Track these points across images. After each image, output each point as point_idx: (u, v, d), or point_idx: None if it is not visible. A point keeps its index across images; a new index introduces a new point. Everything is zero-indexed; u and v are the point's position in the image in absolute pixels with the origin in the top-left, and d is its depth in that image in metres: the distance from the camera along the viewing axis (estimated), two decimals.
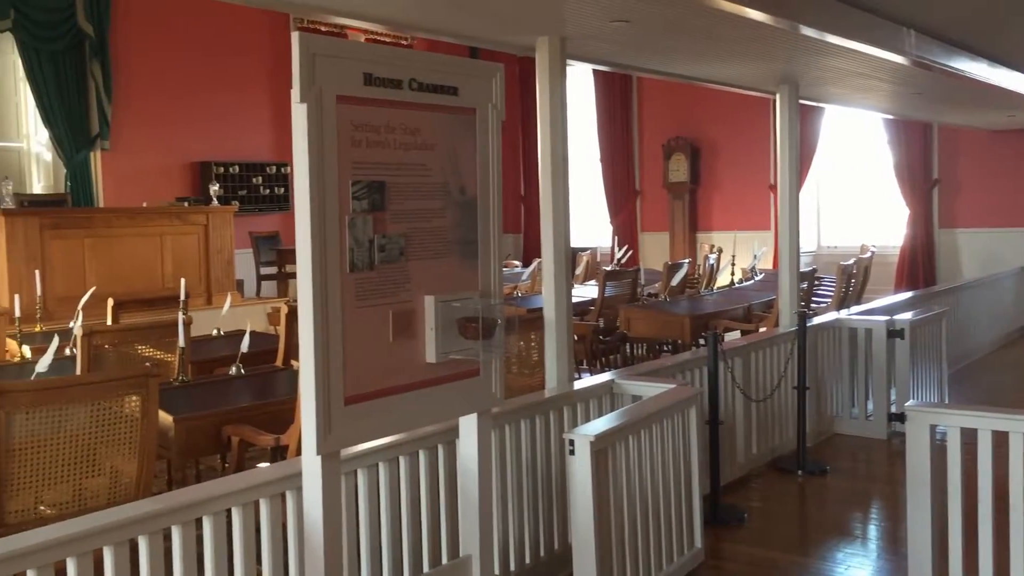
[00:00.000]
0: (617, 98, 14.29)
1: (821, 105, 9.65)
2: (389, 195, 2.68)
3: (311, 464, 2.52)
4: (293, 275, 11.20)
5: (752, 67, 6.11)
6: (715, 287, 9.37)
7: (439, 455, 3.38)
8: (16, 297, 5.83)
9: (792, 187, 6.43)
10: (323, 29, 11.31)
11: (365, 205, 2.62)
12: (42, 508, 3.23)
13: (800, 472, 5.41)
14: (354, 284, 2.59)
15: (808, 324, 5.65)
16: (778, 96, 6.55)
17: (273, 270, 11.24)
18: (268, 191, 12.20)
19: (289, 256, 11.20)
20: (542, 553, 3.82)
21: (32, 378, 3.65)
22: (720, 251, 10.17)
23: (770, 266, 11.92)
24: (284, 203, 12.39)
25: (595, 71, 13.44)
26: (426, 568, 3.28)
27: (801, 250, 6.57)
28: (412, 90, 2.74)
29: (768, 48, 5.33)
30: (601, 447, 3.31)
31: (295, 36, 2.46)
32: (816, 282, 8.68)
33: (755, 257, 9.95)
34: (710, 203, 13.98)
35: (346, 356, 2.55)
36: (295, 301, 6.12)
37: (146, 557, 2.50)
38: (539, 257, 11.98)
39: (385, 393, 2.69)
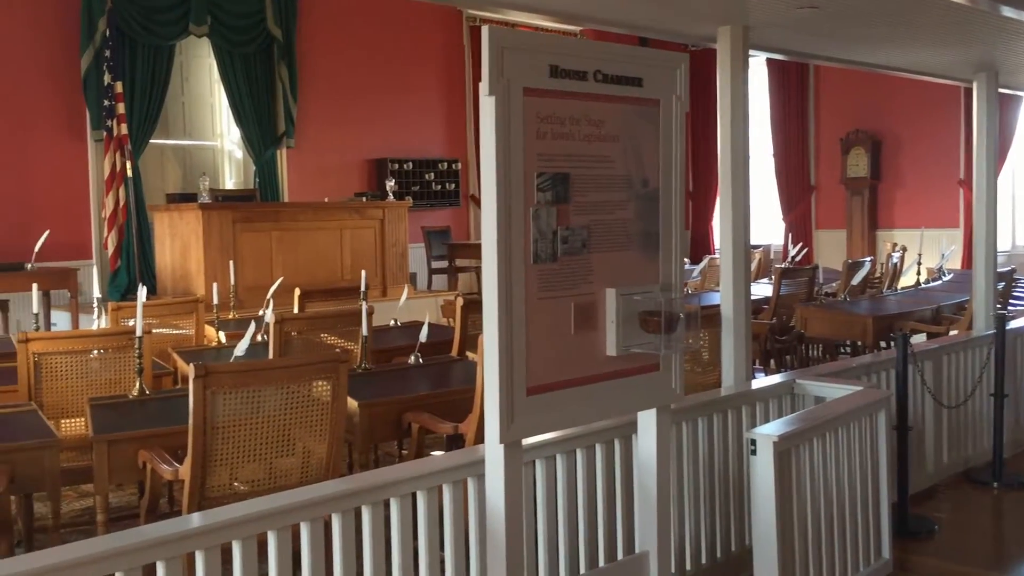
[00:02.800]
0: (793, 89, 13.80)
1: (1020, 93, 8.99)
2: (572, 187, 2.68)
3: (494, 452, 2.55)
4: (464, 269, 11.47)
5: (946, 54, 5.75)
6: (898, 287, 8.90)
7: (615, 449, 3.36)
8: (214, 286, 6.21)
9: (989, 182, 6.02)
10: None
11: (549, 197, 2.63)
12: (236, 484, 3.43)
13: (996, 484, 5.06)
14: (537, 276, 2.60)
15: (1007, 327, 5.28)
16: (975, 85, 6.14)
17: (444, 264, 11.51)
18: (440, 187, 12.51)
19: (460, 250, 11.46)
20: (719, 554, 3.73)
21: (231, 361, 3.87)
22: (904, 249, 9.65)
23: (958, 266, 11.22)
24: (455, 198, 12.67)
25: (769, 61, 13.04)
26: (602, 562, 3.27)
27: (997, 249, 6.14)
28: (597, 82, 2.73)
29: (965, 33, 5.00)
30: (784, 448, 3.20)
31: (484, 29, 2.49)
32: (1014, 283, 8.09)
33: (943, 256, 9.39)
34: (892, 199, 13.29)
35: (528, 347, 2.56)
36: (468, 294, 6.24)
37: (339, 534, 2.61)
38: (708, 254, 11.77)
39: (566, 385, 2.69)
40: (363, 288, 5.86)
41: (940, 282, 9.02)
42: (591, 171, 2.73)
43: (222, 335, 5.77)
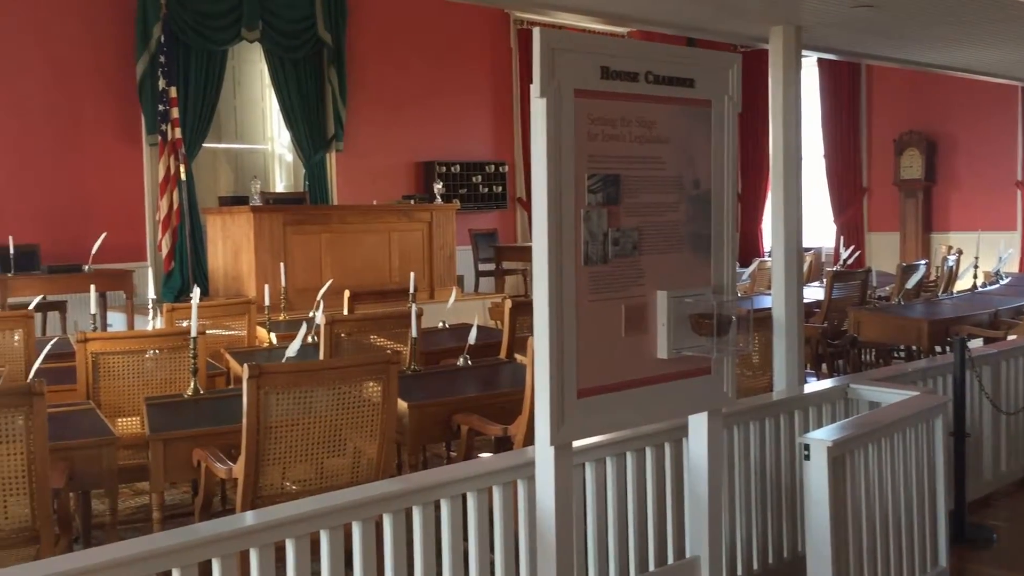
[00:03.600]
0: (844, 89, 13.59)
1: None
2: (623, 188, 2.67)
3: (544, 454, 2.55)
4: (511, 271, 11.47)
5: (1004, 53, 5.63)
6: (954, 291, 8.72)
7: (665, 453, 3.34)
8: (266, 288, 6.28)
9: None
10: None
11: (600, 198, 2.62)
12: (287, 484, 3.46)
13: None
14: (588, 277, 2.59)
15: None
16: None
17: (491, 266, 11.53)
18: (487, 189, 12.54)
19: (507, 252, 11.47)
20: (770, 560, 3.69)
21: (283, 362, 3.91)
22: (960, 252, 9.46)
23: (1016, 269, 10.96)
24: (502, 201, 12.70)
25: (820, 60, 12.86)
26: (652, 566, 3.25)
27: None
28: (648, 83, 2.71)
29: None
30: (839, 454, 3.15)
31: (536, 31, 2.50)
32: None
33: (1000, 259, 9.18)
34: (947, 201, 13.03)
35: (579, 349, 2.56)
36: (515, 296, 6.21)
37: (390, 534, 2.63)
38: (757, 256, 11.62)
39: (616, 388, 2.68)
40: (412, 290, 5.89)
41: (997, 286, 8.82)
42: (642, 172, 2.71)
43: (273, 336, 5.83)
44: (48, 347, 4.22)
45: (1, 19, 9.06)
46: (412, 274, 6.26)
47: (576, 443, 2.79)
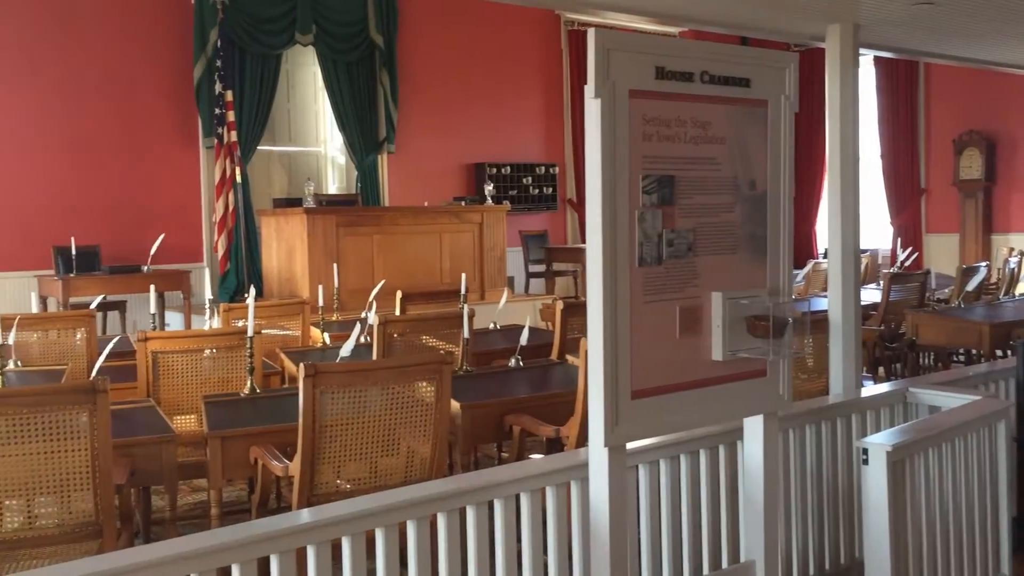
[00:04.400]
0: (902, 88, 13.33)
1: None
2: (678, 189, 2.66)
3: (598, 456, 2.55)
4: (561, 272, 11.47)
5: None
6: (1016, 293, 8.52)
7: (720, 456, 3.31)
8: (320, 288, 6.35)
9: None
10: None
11: (654, 199, 2.61)
12: (341, 482, 3.50)
13: None
14: (642, 279, 2.58)
15: None
16: None
17: (541, 268, 11.54)
18: (537, 191, 12.55)
19: (557, 254, 11.46)
20: (827, 565, 3.64)
21: (337, 361, 3.95)
22: (1022, 254, 9.24)
23: None
24: (552, 203, 12.69)
25: (876, 58, 12.64)
26: (706, 570, 3.23)
27: None
28: (703, 83, 2.70)
29: None
30: (898, 458, 3.09)
31: (591, 32, 2.50)
32: None
33: None
34: (1008, 202, 12.71)
35: (633, 350, 2.55)
36: (565, 297, 6.16)
37: (444, 533, 2.64)
38: (810, 257, 11.45)
39: (671, 389, 2.67)
40: (463, 291, 5.91)
41: None
42: (697, 173, 2.70)
43: (326, 336, 5.89)
44: (110, 346, 4.32)
45: (65, 26, 9.30)
46: (463, 275, 6.28)
47: (629, 445, 2.78)
